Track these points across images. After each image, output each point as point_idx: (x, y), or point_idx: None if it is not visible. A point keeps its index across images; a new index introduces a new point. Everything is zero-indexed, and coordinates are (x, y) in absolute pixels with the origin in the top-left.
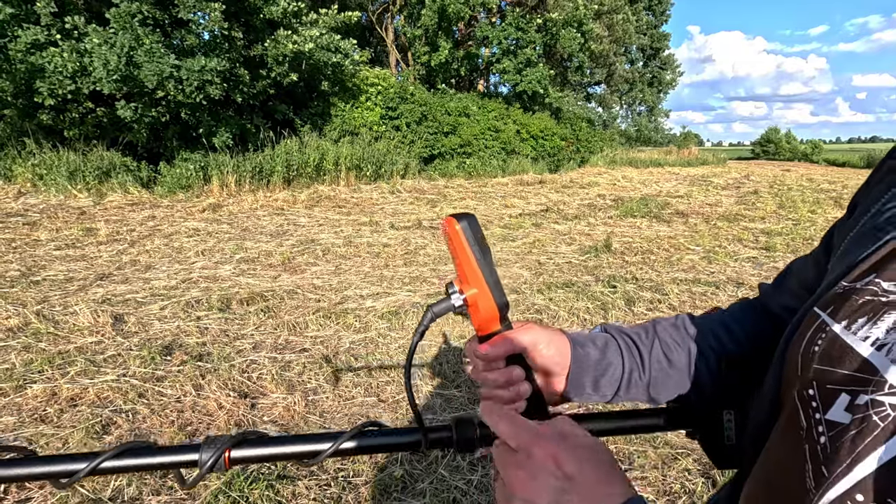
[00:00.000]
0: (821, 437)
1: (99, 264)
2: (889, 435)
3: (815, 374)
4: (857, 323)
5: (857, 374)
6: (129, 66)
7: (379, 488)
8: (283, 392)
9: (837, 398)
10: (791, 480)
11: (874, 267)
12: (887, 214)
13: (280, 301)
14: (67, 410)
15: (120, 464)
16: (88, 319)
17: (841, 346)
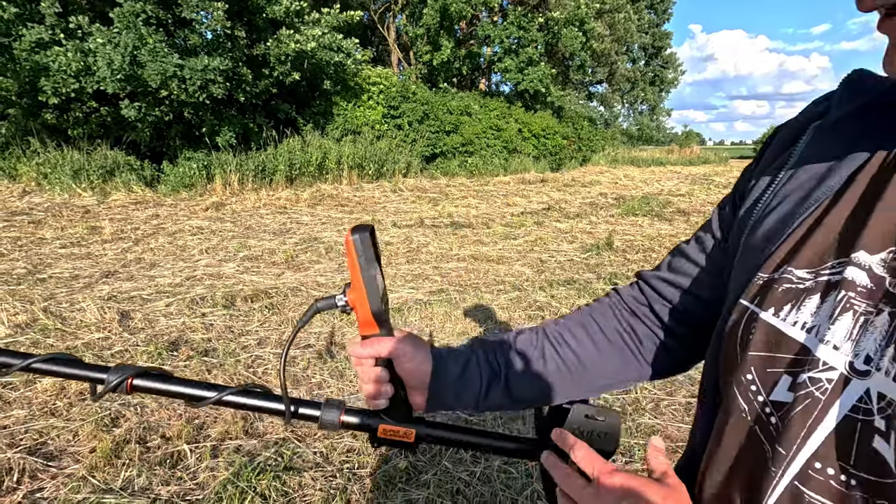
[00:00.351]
0: (770, 418)
1: (104, 262)
2: (830, 406)
3: (752, 360)
4: (784, 310)
5: (794, 356)
6: (132, 66)
7: (384, 479)
8: (288, 387)
9: (780, 380)
10: (748, 463)
11: (786, 258)
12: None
13: (284, 298)
14: (77, 404)
15: (47, 367)
16: (95, 316)
17: (775, 332)
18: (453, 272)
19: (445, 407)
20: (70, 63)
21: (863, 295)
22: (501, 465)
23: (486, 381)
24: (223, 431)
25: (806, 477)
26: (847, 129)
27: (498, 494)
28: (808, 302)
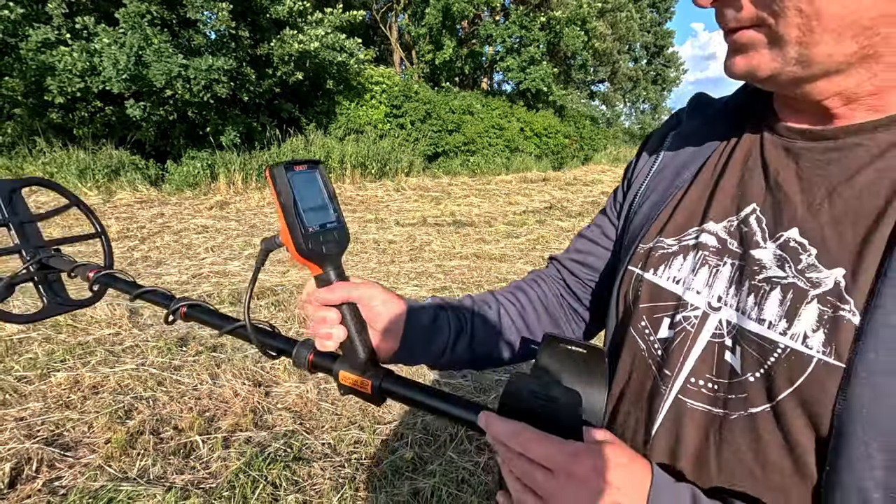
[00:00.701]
0: (658, 351)
1: None
2: (698, 335)
3: (643, 311)
4: (660, 269)
5: (668, 302)
6: (137, 66)
7: (391, 469)
8: (296, 381)
9: (662, 322)
10: (647, 388)
11: (658, 232)
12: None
13: (289, 295)
14: (90, 397)
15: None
16: (105, 312)
17: (656, 287)
18: (456, 270)
19: (415, 354)
20: (76, 63)
21: (713, 252)
22: None
23: (454, 332)
24: (233, 424)
25: (686, 390)
26: (696, 134)
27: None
28: (675, 261)
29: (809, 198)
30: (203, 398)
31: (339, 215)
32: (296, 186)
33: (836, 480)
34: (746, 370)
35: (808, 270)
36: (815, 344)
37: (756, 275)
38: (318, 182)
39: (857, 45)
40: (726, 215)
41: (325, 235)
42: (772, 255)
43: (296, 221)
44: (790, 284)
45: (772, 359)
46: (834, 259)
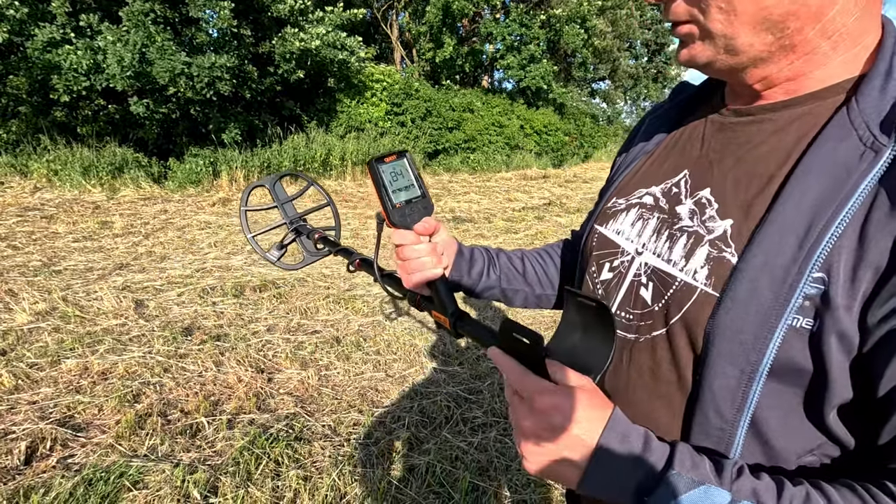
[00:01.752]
0: (600, 290)
1: (116, 255)
2: (626, 276)
3: (594, 258)
4: (608, 223)
5: (610, 250)
6: (142, 64)
7: (388, 448)
8: (298, 368)
9: (604, 267)
10: None
11: (616, 194)
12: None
13: (291, 288)
14: (100, 383)
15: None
16: (111, 304)
17: (603, 238)
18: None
19: (461, 275)
20: (81, 61)
21: (648, 209)
22: (498, 435)
23: (486, 263)
24: (237, 407)
25: (615, 321)
26: (666, 116)
27: (493, 461)
28: (621, 216)
29: (724, 163)
30: (208, 384)
31: (423, 191)
32: (385, 173)
33: (704, 387)
34: (653, 301)
35: (708, 221)
36: (700, 277)
37: (673, 225)
38: (403, 167)
39: (773, 37)
40: (665, 179)
41: (410, 208)
42: (687, 209)
43: (386, 200)
44: (693, 231)
45: (671, 290)
46: (727, 212)
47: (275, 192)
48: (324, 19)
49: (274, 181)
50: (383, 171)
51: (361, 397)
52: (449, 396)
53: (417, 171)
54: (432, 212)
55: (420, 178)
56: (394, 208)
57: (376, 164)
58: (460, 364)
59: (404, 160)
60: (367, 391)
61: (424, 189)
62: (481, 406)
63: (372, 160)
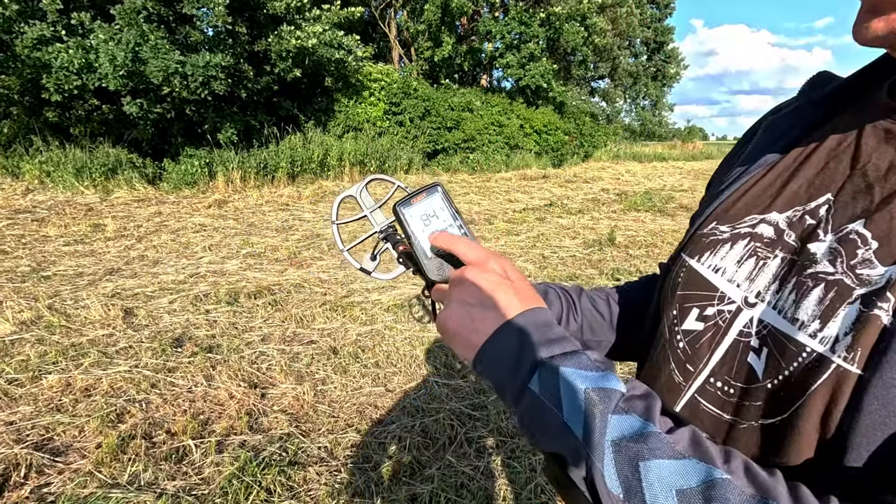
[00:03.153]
0: (679, 343)
1: (107, 259)
2: (727, 332)
3: (678, 299)
4: (704, 256)
5: (703, 292)
6: (134, 62)
7: (388, 473)
8: (293, 382)
9: (691, 313)
10: (663, 379)
11: (716, 217)
12: (725, 184)
13: (287, 295)
14: (82, 400)
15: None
16: (99, 313)
17: (694, 274)
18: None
19: None
20: (72, 60)
21: (766, 244)
22: (505, 459)
23: (565, 308)
24: (228, 427)
25: (703, 391)
26: (794, 116)
27: (501, 489)
28: (722, 250)
29: (891, 185)
30: (197, 400)
31: (465, 231)
32: (412, 218)
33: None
34: (767, 376)
35: (860, 266)
36: (840, 349)
37: (804, 270)
38: (436, 206)
39: None
40: (793, 204)
41: (451, 256)
42: (827, 248)
43: (419, 252)
44: (835, 281)
45: (795, 363)
46: (891, 254)
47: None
48: (321, 17)
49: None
50: (410, 217)
51: (360, 415)
52: (452, 414)
53: (455, 207)
54: None
55: (459, 215)
56: (429, 260)
57: (401, 208)
58: (463, 377)
59: (436, 196)
60: (365, 408)
61: (466, 229)
62: (486, 424)
63: (396, 204)
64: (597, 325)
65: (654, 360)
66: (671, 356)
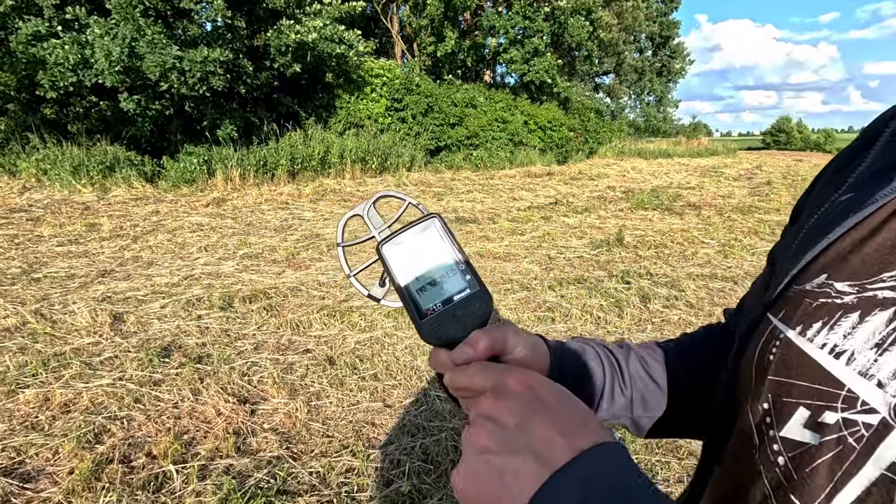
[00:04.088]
0: (778, 458)
1: (101, 261)
2: (866, 458)
3: (770, 386)
4: (813, 328)
5: (819, 386)
6: (131, 58)
7: None
8: (285, 397)
9: (795, 412)
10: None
11: (825, 267)
12: (833, 213)
13: (283, 299)
14: (60, 417)
15: None
16: (86, 319)
17: (797, 353)
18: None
19: None
20: (67, 56)
21: None
22: None
23: (608, 376)
24: (213, 449)
25: None
26: None
27: None
28: (845, 321)
29: None
30: (183, 417)
31: (470, 278)
32: (397, 260)
33: None
34: None
35: None
36: None
37: None
38: (433, 243)
39: None
40: None
41: (454, 312)
42: None
43: (409, 306)
44: None
45: None
46: None
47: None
48: (321, 12)
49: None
50: (394, 259)
51: (356, 434)
52: (455, 433)
53: (459, 244)
54: (489, 314)
55: (462, 253)
56: (423, 318)
57: (385, 248)
58: None
59: (432, 230)
60: (362, 426)
61: (473, 275)
62: None
63: (380, 244)
64: (650, 395)
65: (730, 469)
66: (764, 474)
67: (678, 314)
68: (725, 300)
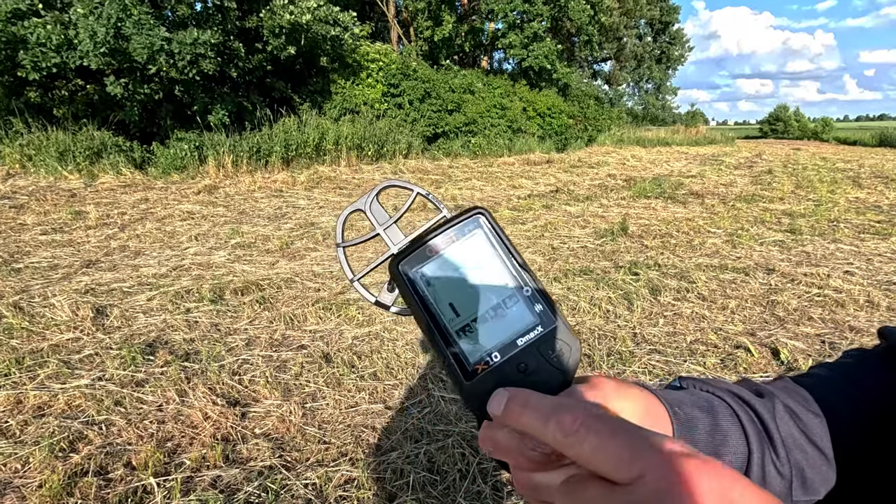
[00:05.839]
0: None
1: (86, 250)
2: None
3: None
4: None
5: None
6: (117, 39)
7: None
8: (278, 398)
9: None
10: None
11: None
12: None
13: (277, 290)
14: (32, 422)
15: None
16: (67, 313)
17: None
18: None
19: None
20: (49, 35)
21: None
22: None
23: (755, 446)
24: (199, 458)
25: None
26: None
27: None
28: None
29: None
30: (167, 421)
31: (542, 309)
32: (429, 288)
33: None
34: None
35: None
36: None
37: None
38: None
39: None
40: None
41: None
42: None
43: (448, 358)
44: None
45: None
46: None
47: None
48: None
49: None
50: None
51: (355, 440)
52: (462, 438)
53: (518, 253)
54: (578, 358)
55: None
56: (470, 378)
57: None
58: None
59: (478, 235)
60: (361, 431)
61: (545, 302)
62: None
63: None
64: (812, 470)
65: None
66: None
67: (690, 307)
68: (738, 292)
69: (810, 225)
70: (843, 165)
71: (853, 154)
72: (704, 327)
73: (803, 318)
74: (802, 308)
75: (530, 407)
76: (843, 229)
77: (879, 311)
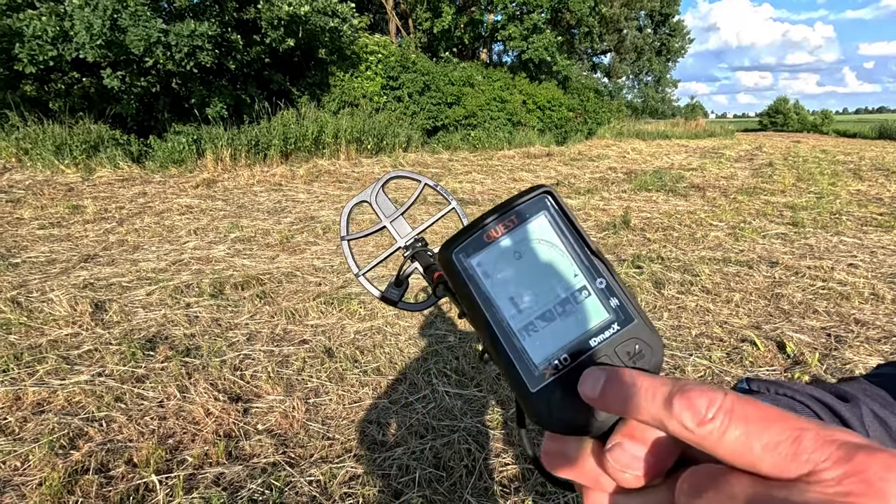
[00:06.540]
0: None
1: (84, 244)
2: None
3: None
4: None
5: None
6: (113, 31)
7: None
8: (281, 393)
9: None
10: None
11: None
12: None
13: (278, 285)
14: (32, 419)
15: None
16: (65, 308)
17: None
18: None
19: None
20: (45, 28)
21: None
22: (536, 498)
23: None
24: (201, 455)
25: None
26: None
27: None
28: None
29: None
30: (168, 418)
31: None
32: (487, 279)
33: None
34: None
35: None
36: None
37: None
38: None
39: None
40: None
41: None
42: None
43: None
44: None
45: None
46: None
47: (379, 206)
48: None
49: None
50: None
51: (359, 436)
52: (468, 433)
53: (589, 239)
54: (661, 359)
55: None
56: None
57: (456, 259)
58: (478, 386)
59: (544, 216)
60: (365, 427)
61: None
62: (509, 447)
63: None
64: None
65: None
66: None
67: (694, 300)
68: (742, 285)
69: (812, 218)
70: (844, 158)
71: (853, 146)
72: (709, 321)
73: (808, 311)
74: (807, 301)
75: (642, 387)
76: (846, 222)
77: (885, 304)
